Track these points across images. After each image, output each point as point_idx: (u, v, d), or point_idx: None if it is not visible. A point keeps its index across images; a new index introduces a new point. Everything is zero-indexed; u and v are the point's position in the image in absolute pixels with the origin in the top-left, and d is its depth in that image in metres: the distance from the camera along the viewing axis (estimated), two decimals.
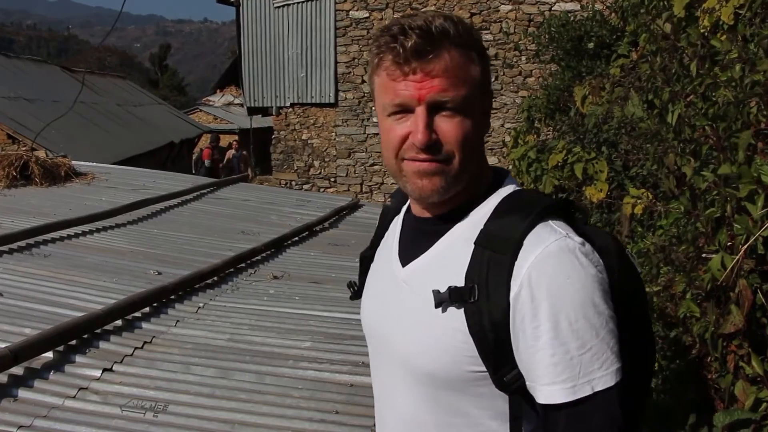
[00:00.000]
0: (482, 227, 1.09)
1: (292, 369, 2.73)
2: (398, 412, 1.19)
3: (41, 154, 7.43)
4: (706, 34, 2.26)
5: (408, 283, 1.16)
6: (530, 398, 1.07)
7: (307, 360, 2.82)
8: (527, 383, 1.06)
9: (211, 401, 2.46)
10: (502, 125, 12.15)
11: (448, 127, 1.07)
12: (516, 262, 1.04)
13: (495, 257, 1.05)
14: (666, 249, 2.15)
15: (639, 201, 2.83)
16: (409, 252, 1.18)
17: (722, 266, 1.67)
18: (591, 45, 5.65)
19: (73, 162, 7.45)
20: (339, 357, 2.84)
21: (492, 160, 12.17)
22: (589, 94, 4.74)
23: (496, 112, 12.19)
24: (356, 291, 1.34)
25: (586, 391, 1.02)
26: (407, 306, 1.14)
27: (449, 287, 1.07)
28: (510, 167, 6.41)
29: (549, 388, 1.03)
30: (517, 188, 1.16)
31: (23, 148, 7.91)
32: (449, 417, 1.12)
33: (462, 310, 1.07)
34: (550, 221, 1.07)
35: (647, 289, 2.24)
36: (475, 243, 1.08)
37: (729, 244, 1.71)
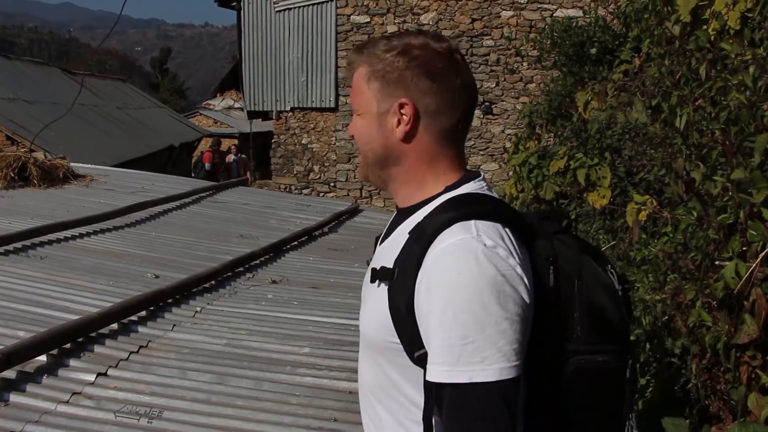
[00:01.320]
0: (419, 220, 1.23)
1: (290, 375, 2.69)
2: (361, 377, 1.37)
3: (40, 155, 7.39)
4: (712, 38, 2.23)
5: (375, 261, 1.33)
6: None
7: (305, 366, 2.77)
8: None
9: (208, 407, 2.42)
10: (503, 131, 12.12)
11: (353, 126, 1.33)
12: (426, 254, 1.17)
13: (414, 247, 1.19)
14: (673, 256, 2.11)
15: (643, 208, 2.79)
16: (385, 236, 1.37)
17: (736, 274, 1.63)
18: (593, 50, 5.62)
19: (72, 164, 7.40)
20: (338, 363, 2.80)
21: (492, 166, 12.20)
22: (591, 99, 4.71)
23: (497, 118, 12.18)
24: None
25: (462, 378, 1.11)
26: (367, 282, 1.31)
27: (381, 266, 1.25)
28: (511, 173, 6.37)
29: (430, 367, 1.14)
30: (471, 191, 1.27)
31: (22, 150, 7.86)
32: (384, 382, 1.27)
33: (387, 288, 1.22)
34: (474, 221, 1.17)
35: (656, 297, 2.21)
36: (408, 233, 1.23)
37: (742, 250, 1.67)
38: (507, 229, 1.19)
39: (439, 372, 1.13)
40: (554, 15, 10.79)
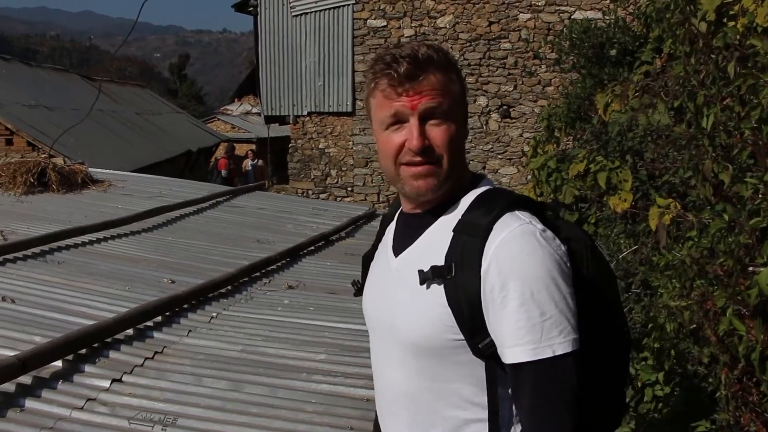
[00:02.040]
0: (460, 218, 1.29)
1: (306, 382, 2.65)
2: (391, 385, 1.37)
3: (59, 161, 7.44)
4: (740, 35, 2.16)
5: (399, 269, 1.36)
6: (503, 363, 1.24)
7: (321, 373, 2.74)
8: (498, 349, 1.23)
9: (222, 415, 2.38)
10: (521, 135, 12.03)
11: (437, 132, 1.28)
12: (486, 244, 1.23)
13: (469, 240, 1.25)
14: (700, 262, 2.04)
15: (667, 211, 2.72)
16: (400, 244, 1.39)
17: None
18: (613, 52, 5.53)
19: (90, 169, 7.44)
20: (354, 370, 2.75)
21: (510, 170, 12.12)
22: (611, 101, 4.63)
23: (514, 122, 12.10)
24: (359, 288, 1.53)
25: (547, 353, 1.18)
26: (399, 288, 1.33)
27: (431, 266, 1.27)
28: (529, 177, 6.29)
29: (513, 350, 1.20)
30: (491, 187, 1.36)
31: (42, 155, 7.91)
32: (433, 384, 1.29)
33: (442, 285, 1.26)
34: (516, 211, 1.27)
35: (682, 303, 2.15)
36: (453, 230, 1.28)
37: None
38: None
39: (524, 352, 1.19)
40: (572, 17, 10.68)
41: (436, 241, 1.30)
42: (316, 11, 12.82)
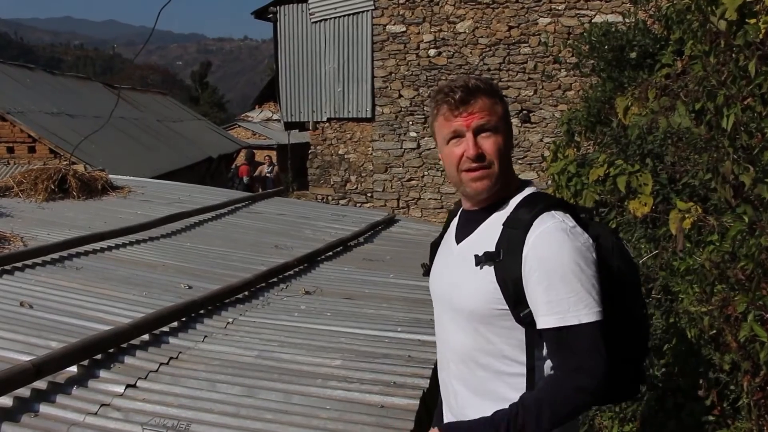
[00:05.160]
0: (509, 214, 1.65)
1: (321, 388, 2.62)
2: (452, 345, 1.75)
3: (80, 167, 7.51)
4: (762, 33, 2.10)
5: (460, 254, 1.72)
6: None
7: (336, 379, 2.71)
8: (534, 317, 1.59)
9: (236, 421, 2.36)
10: (541, 140, 11.95)
11: (488, 143, 1.65)
12: (527, 235, 1.59)
13: (515, 232, 1.61)
14: (720, 266, 1.99)
15: (687, 215, 2.66)
16: (461, 234, 1.76)
17: None
18: (633, 55, 5.45)
19: (110, 176, 7.50)
20: (370, 376, 2.72)
21: (531, 175, 12.04)
22: (631, 104, 4.56)
23: (535, 127, 12.02)
24: (427, 269, 1.89)
25: (573, 321, 1.54)
26: (459, 268, 1.70)
27: (485, 252, 1.63)
28: (549, 182, 6.23)
29: (545, 318, 1.57)
30: (536, 191, 1.73)
31: (63, 162, 8.00)
32: (483, 345, 1.67)
33: (492, 267, 1.62)
34: (553, 211, 1.62)
35: (702, 309, 2.10)
36: (503, 224, 1.65)
37: None
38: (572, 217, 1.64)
39: (554, 320, 1.55)
40: (592, 21, 10.60)
41: (489, 233, 1.66)
42: (335, 17, 12.86)
